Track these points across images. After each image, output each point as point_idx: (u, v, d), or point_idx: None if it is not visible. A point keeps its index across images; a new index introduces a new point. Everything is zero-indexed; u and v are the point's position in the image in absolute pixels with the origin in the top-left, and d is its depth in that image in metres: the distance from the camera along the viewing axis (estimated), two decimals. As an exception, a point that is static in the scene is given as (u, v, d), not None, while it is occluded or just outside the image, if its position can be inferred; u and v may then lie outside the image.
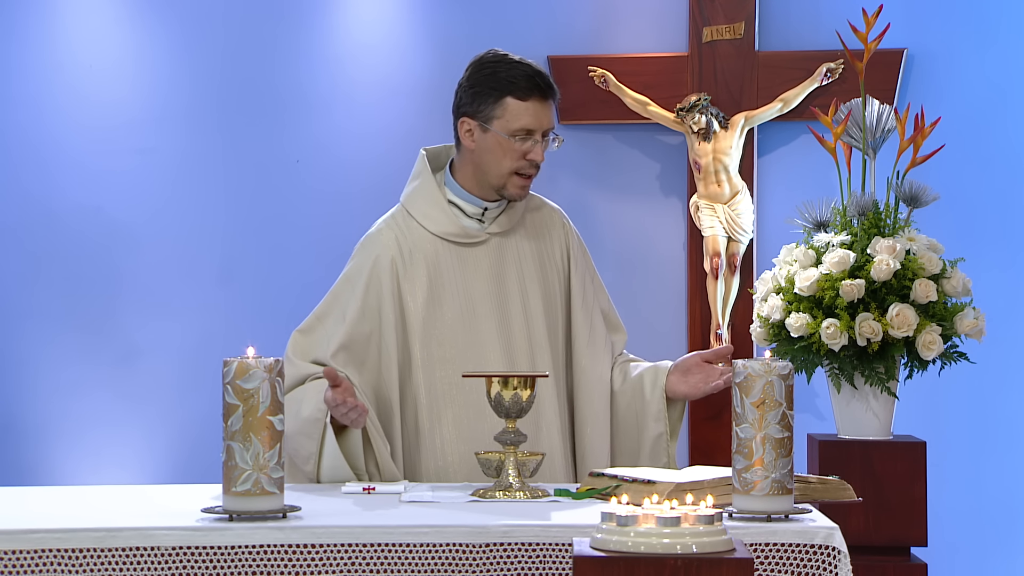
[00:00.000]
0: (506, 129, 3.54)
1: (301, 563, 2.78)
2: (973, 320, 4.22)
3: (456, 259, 3.62)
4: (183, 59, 5.28)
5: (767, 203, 5.20)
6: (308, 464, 3.40)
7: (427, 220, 3.64)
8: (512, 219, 3.67)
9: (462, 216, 3.64)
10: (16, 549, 2.74)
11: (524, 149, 3.54)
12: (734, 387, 2.89)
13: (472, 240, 3.63)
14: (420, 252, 3.61)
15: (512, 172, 3.56)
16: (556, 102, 3.61)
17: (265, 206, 5.28)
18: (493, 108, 3.55)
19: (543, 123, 3.55)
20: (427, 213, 3.64)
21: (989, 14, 5.18)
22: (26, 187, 5.27)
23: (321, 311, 3.63)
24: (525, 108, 3.53)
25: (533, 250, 3.67)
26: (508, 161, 3.56)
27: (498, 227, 3.65)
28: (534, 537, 2.81)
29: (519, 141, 3.54)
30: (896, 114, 4.38)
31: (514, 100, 3.54)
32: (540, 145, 3.55)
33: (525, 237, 3.67)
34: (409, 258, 3.61)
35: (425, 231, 3.63)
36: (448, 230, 3.62)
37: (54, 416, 5.26)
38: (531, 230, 3.69)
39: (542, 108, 3.54)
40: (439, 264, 3.61)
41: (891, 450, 4.24)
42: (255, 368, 2.84)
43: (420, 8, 5.26)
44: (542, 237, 3.70)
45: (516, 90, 3.53)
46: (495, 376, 3.23)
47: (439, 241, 3.62)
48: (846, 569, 2.80)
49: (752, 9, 5.15)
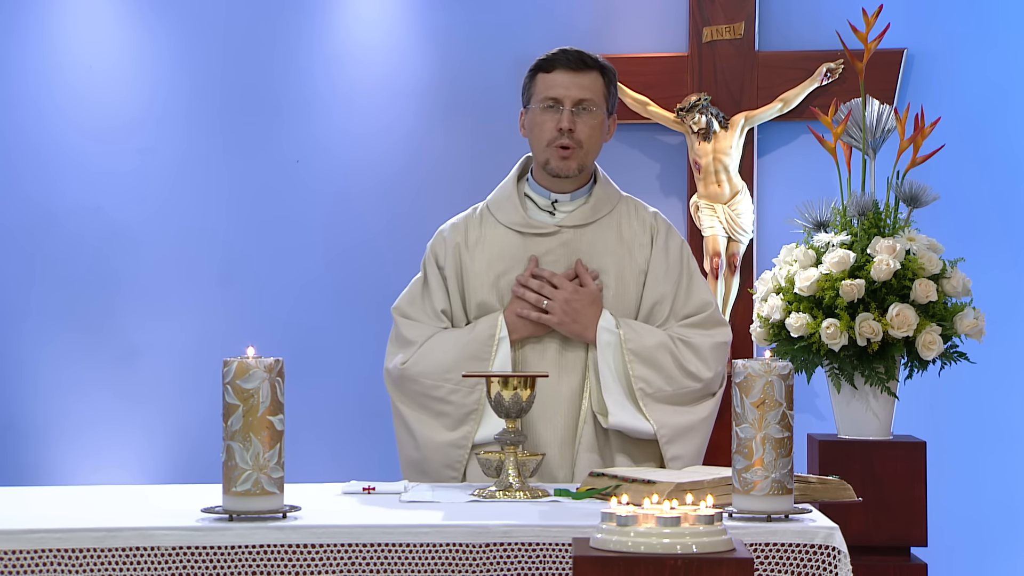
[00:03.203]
0: (537, 101, 3.66)
1: (301, 563, 2.78)
2: (973, 320, 4.23)
3: (522, 248, 3.69)
4: (183, 59, 5.29)
5: (767, 203, 5.20)
6: (473, 393, 3.56)
7: (499, 212, 3.75)
8: (591, 215, 3.72)
9: (534, 208, 3.73)
10: (16, 549, 2.74)
11: (554, 119, 3.63)
12: (734, 387, 2.89)
13: (540, 231, 3.70)
14: (487, 240, 3.72)
15: (549, 144, 3.65)
16: (601, 77, 3.68)
17: (265, 206, 5.28)
18: (531, 87, 3.70)
19: (570, 91, 3.64)
20: (501, 205, 3.75)
21: (989, 14, 5.18)
22: (26, 187, 5.27)
23: (410, 294, 3.77)
24: (551, 79, 3.66)
25: (613, 249, 3.70)
26: (543, 133, 3.66)
27: (573, 220, 3.70)
28: (534, 537, 2.81)
29: (548, 112, 3.64)
30: (896, 114, 4.39)
31: (542, 74, 3.68)
32: (568, 113, 3.62)
33: (605, 233, 3.71)
34: (475, 244, 3.72)
35: (497, 222, 3.73)
36: (515, 220, 3.72)
37: (54, 416, 5.26)
38: (615, 230, 3.72)
39: (569, 77, 3.64)
40: (503, 251, 3.69)
41: (891, 450, 4.24)
42: (255, 368, 2.84)
43: (420, 8, 5.26)
44: (626, 238, 3.72)
45: (544, 64, 3.68)
46: (495, 376, 3.23)
47: (509, 231, 3.72)
48: (846, 569, 2.80)
49: (752, 9, 5.15)
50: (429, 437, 3.60)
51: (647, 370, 3.58)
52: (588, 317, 3.61)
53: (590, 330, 3.61)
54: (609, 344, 3.59)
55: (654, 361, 3.59)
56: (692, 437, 3.60)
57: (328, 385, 5.23)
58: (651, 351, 3.59)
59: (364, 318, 5.19)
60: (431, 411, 3.61)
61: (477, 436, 3.58)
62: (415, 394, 3.64)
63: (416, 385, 3.63)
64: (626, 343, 3.58)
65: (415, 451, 3.62)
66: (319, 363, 5.23)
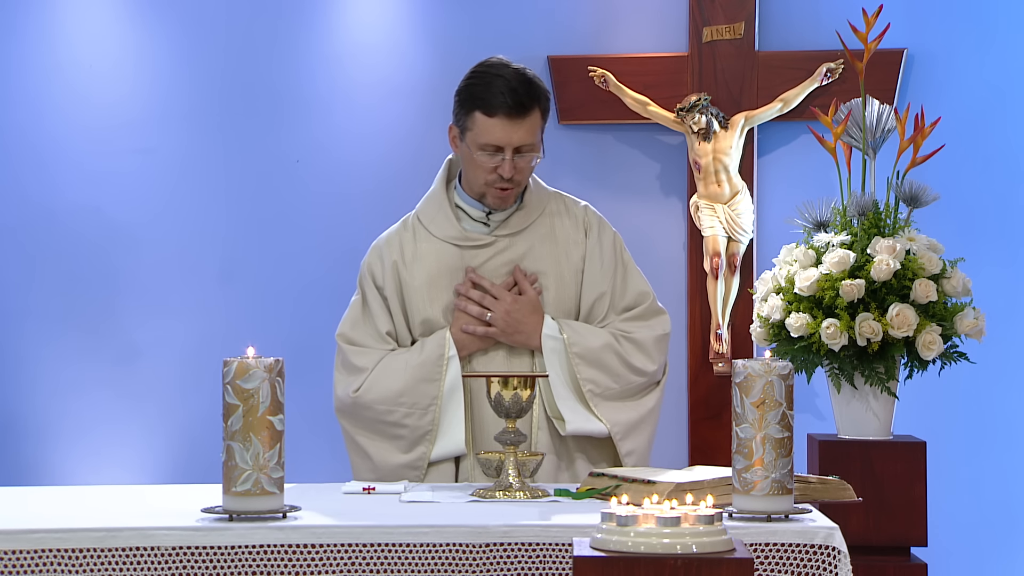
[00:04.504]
0: (474, 143, 3.54)
1: (301, 563, 2.78)
2: (973, 320, 4.23)
3: (459, 261, 3.63)
4: (183, 59, 5.28)
5: (767, 203, 5.20)
6: (427, 415, 3.52)
7: (432, 225, 3.66)
8: (524, 220, 3.66)
9: (467, 220, 3.66)
10: (16, 549, 2.74)
11: (492, 164, 3.53)
12: (734, 387, 2.89)
13: (475, 243, 3.64)
14: (423, 255, 3.64)
15: (487, 184, 3.57)
16: (540, 114, 3.54)
17: (265, 206, 5.28)
18: (466, 120, 3.55)
19: (512, 139, 3.50)
20: (433, 218, 3.66)
21: (989, 14, 5.18)
22: (26, 187, 5.27)
23: (350, 319, 3.69)
24: (492, 124, 3.50)
25: (549, 251, 3.65)
26: (480, 173, 3.56)
27: (507, 229, 3.65)
28: (534, 537, 2.81)
29: (487, 156, 3.53)
30: (896, 114, 4.39)
31: (481, 115, 3.52)
32: (509, 161, 3.51)
33: (540, 238, 3.66)
34: (412, 260, 3.64)
35: (431, 235, 3.65)
36: (450, 234, 3.64)
37: (54, 416, 5.26)
38: (549, 231, 3.68)
39: (511, 125, 3.49)
40: (440, 266, 3.63)
41: (891, 450, 4.24)
42: (255, 368, 2.84)
43: (420, 8, 5.26)
44: (560, 237, 3.67)
45: (483, 105, 3.51)
46: (495, 376, 3.23)
47: (444, 244, 3.64)
48: (846, 569, 2.80)
49: (752, 9, 5.15)
50: (385, 460, 3.59)
51: (594, 371, 3.57)
52: (531, 325, 3.58)
53: (534, 338, 3.58)
54: (555, 350, 3.57)
55: (600, 361, 3.57)
56: (643, 429, 3.61)
57: (328, 385, 5.20)
58: (596, 352, 3.57)
59: (364, 318, 5.18)
60: (386, 435, 3.59)
61: (432, 455, 3.57)
62: (369, 420, 3.60)
63: (370, 412, 3.59)
64: (571, 347, 3.56)
65: (371, 473, 3.60)
66: (319, 363, 5.22)
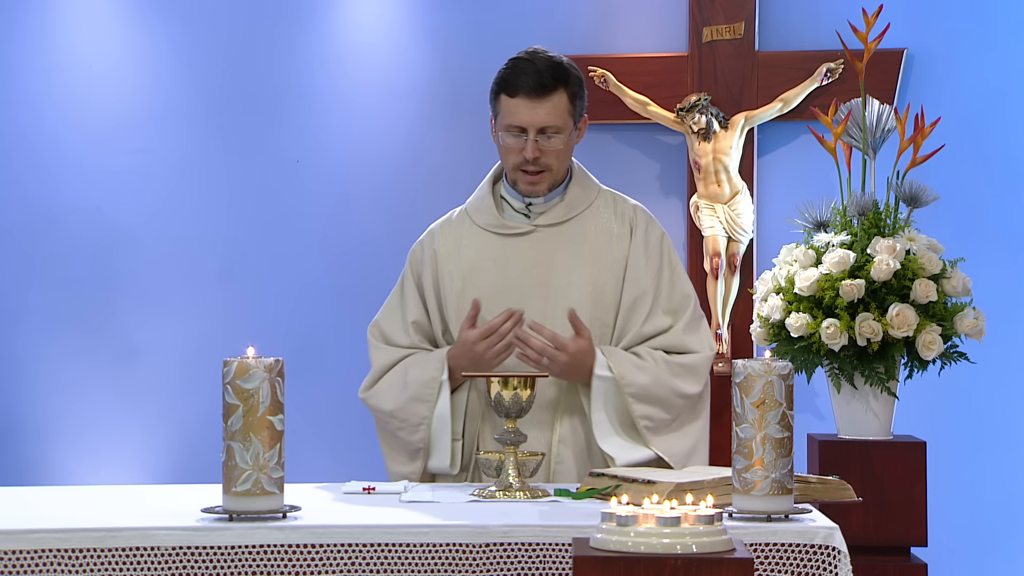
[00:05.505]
0: (501, 126, 3.61)
1: (301, 563, 2.78)
2: (973, 320, 4.22)
3: (498, 249, 3.67)
4: (183, 59, 5.29)
5: (767, 203, 5.20)
6: (417, 432, 3.57)
7: (476, 214, 3.73)
8: (566, 213, 3.68)
9: (509, 210, 3.71)
10: (16, 549, 2.74)
11: (518, 146, 3.58)
12: (734, 387, 2.89)
13: (514, 231, 3.68)
14: (464, 243, 3.70)
15: (516, 168, 3.62)
16: (567, 97, 3.56)
17: (265, 206, 5.28)
18: (495, 104, 3.62)
19: (534, 120, 3.55)
20: (477, 207, 3.74)
21: (989, 14, 5.18)
22: (26, 188, 5.28)
23: (388, 304, 3.80)
24: (514, 105, 3.56)
25: (589, 245, 3.66)
26: (510, 157, 3.62)
27: (547, 220, 3.68)
28: (534, 537, 2.81)
29: (512, 137, 3.58)
30: (896, 114, 4.39)
31: (505, 97, 3.58)
32: (532, 142, 3.55)
33: (581, 232, 3.67)
34: (453, 248, 3.70)
35: (474, 224, 3.72)
36: (490, 222, 3.70)
37: (54, 416, 5.26)
38: (592, 226, 3.69)
39: (532, 105, 3.54)
40: (480, 253, 3.68)
41: (891, 450, 4.24)
42: (255, 368, 2.84)
43: (420, 8, 5.26)
44: (603, 233, 3.68)
45: (506, 87, 3.58)
46: (495, 376, 3.23)
47: (485, 233, 3.70)
48: (846, 569, 2.80)
49: (752, 9, 5.15)
50: (391, 467, 3.68)
51: (648, 407, 3.53)
52: (583, 370, 3.54)
53: (584, 377, 3.55)
54: (603, 389, 3.52)
55: (654, 397, 3.54)
56: (699, 450, 3.61)
57: (328, 385, 5.23)
58: (649, 389, 3.53)
59: (364, 318, 5.14)
60: (388, 440, 3.70)
61: (428, 467, 3.61)
62: (378, 421, 3.73)
63: (375, 414, 3.72)
64: (624, 388, 3.51)
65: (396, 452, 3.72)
66: (319, 363, 5.23)
